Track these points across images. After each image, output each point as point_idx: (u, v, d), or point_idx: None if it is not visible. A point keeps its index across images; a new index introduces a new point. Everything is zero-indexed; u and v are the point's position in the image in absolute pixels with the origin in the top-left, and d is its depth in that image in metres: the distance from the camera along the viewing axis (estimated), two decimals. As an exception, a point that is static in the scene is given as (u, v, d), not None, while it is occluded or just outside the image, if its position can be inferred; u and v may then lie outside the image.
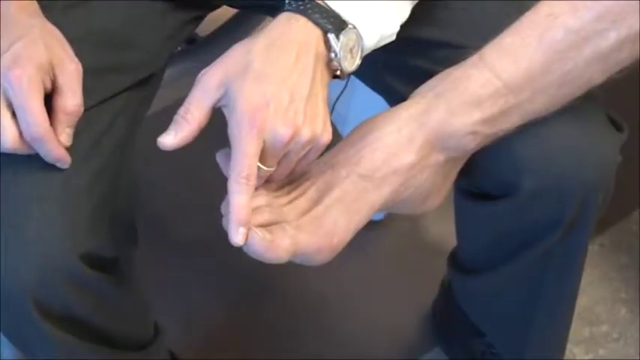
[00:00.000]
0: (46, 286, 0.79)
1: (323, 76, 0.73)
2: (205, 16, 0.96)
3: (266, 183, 0.73)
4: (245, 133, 0.68)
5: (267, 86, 0.69)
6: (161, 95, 0.94)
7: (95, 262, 0.81)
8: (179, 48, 0.98)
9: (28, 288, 0.78)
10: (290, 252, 0.68)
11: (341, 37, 0.73)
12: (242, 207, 0.67)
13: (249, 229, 0.67)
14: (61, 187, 0.78)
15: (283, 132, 0.69)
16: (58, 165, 0.76)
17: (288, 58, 0.71)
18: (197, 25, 0.96)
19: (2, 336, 1.12)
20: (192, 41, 1.14)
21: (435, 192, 0.76)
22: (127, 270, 0.90)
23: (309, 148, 0.72)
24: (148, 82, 0.85)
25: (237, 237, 0.67)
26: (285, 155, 0.72)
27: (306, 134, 0.70)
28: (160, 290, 1.20)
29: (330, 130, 0.73)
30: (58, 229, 0.77)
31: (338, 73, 0.75)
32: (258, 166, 0.69)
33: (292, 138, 0.70)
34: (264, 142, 0.69)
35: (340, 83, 1.00)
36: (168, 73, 0.96)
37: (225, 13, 1.04)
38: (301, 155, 0.72)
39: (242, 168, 0.67)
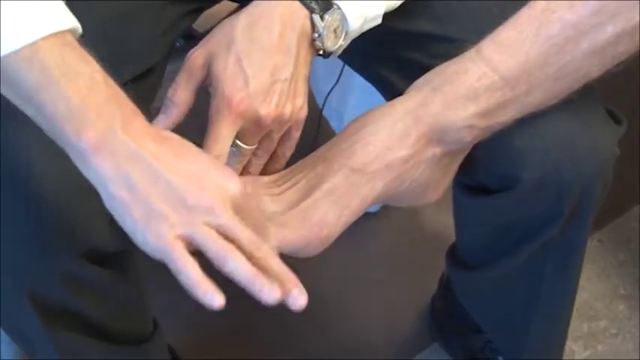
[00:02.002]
0: (44, 280, 0.79)
1: (307, 55, 0.75)
2: (203, 10, 0.96)
3: (257, 176, 0.74)
4: (222, 117, 0.69)
5: (248, 67, 0.70)
6: (164, 92, 0.94)
7: (94, 257, 0.81)
8: (177, 44, 0.98)
9: (26, 283, 0.78)
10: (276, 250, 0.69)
11: (326, 16, 0.74)
12: None
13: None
14: (60, 181, 0.78)
15: (264, 114, 0.70)
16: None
17: (271, 37, 0.72)
18: (195, 19, 0.96)
19: (2, 337, 1.12)
20: (191, 37, 1.14)
21: (434, 186, 0.76)
22: (126, 265, 0.90)
23: (289, 126, 0.74)
24: (147, 76, 0.85)
25: None
26: (267, 134, 0.72)
27: (286, 114, 0.71)
28: (159, 288, 1.20)
29: (306, 105, 0.75)
30: (56, 225, 0.77)
31: (321, 52, 0.76)
32: (239, 145, 0.70)
33: (273, 119, 0.71)
34: (245, 121, 0.70)
35: (333, 77, 1.00)
36: (169, 69, 0.96)
37: (225, 8, 1.04)
38: (282, 132, 0.74)
39: (212, 149, 0.68)
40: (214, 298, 0.60)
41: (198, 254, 0.63)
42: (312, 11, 0.74)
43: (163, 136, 0.64)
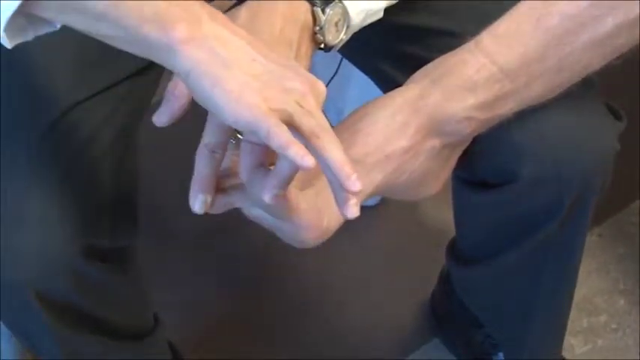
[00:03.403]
0: (47, 276, 0.79)
1: (307, 48, 0.75)
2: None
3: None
4: None
5: None
6: (165, 86, 0.94)
7: (95, 251, 0.81)
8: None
9: (28, 278, 0.78)
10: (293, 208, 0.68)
11: (327, 10, 0.74)
12: (202, 176, 0.66)
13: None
14: (61, 177, 0.78)
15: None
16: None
17: (273, 31, 0.72)
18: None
19: (2, 337, 1.12)
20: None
21: (433, 178, 0.76)
22: (128, 259, 0.91)
23: None
24: (150, 70, 0.86)
25: (194, 204, 0.66)
26: None
27: None
28: (159, 282, 1.20)
29: None
30: (58, 219, 0.77)
31: (322, 46, 0.76)
32: (238, 137, 0.70)
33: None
34: None
35: (330, 71, 1.00)
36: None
37: (225, 2, 1.04)
38: None
39: (209, 139, 0.66)
40: (306, 157, 0.59)
41: None
42: (313, 4, 0.74)
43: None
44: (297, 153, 0.59)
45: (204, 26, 0.60)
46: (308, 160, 0.59)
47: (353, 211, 0.64)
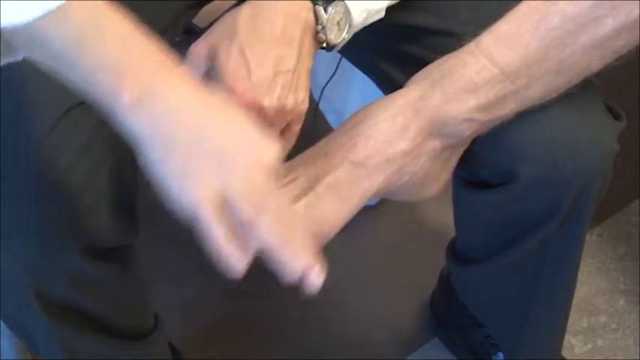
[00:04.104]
0: (47, 276, 0.79)
1: (310, 47, 0.75)
2: (202, 6, 0.96)
3: None
4: None
5: (251, 58, 0.70)
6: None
7: (95, 251, 0.81)
8: (177, 39, 0.98)
9: (28, 278, 0.78)
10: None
11: (329, 9, 0.74)
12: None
13: None
14: (61, 177, 0.78)
15: (266, 105, 0.70)
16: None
17: (274, 29, 0.72)
18: (195, 14, 0.96)
19: (2, 337, 1.12)
20: (190, 32, 1.14)
21: (433, 179, 0.76)
22: (128, 259, 0.91)
23: (290, 119, 0.73)
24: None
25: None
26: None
27: (288, 106, 0.71)
28: (159, 282, 1.20)
29: (307, 99, 0.74)
30: (58, 219, 0.77)
31: (325, 45, 0.76)
32: None
33: (275, 111, 0.70)
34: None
35: (329, 69, 1.00)
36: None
37: (225, 3, 1.04)
38: (283, 126, 0.73)
39: None
40: (237, 264, 0.59)
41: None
42: (315, 3, 0.74)
43: (202, 91, 0.62)
44: (228, 258, 0.58)
45: (152, 94, 0.59)
46: (239, 267, 0.59)
47: (315, 284, 0.63)
